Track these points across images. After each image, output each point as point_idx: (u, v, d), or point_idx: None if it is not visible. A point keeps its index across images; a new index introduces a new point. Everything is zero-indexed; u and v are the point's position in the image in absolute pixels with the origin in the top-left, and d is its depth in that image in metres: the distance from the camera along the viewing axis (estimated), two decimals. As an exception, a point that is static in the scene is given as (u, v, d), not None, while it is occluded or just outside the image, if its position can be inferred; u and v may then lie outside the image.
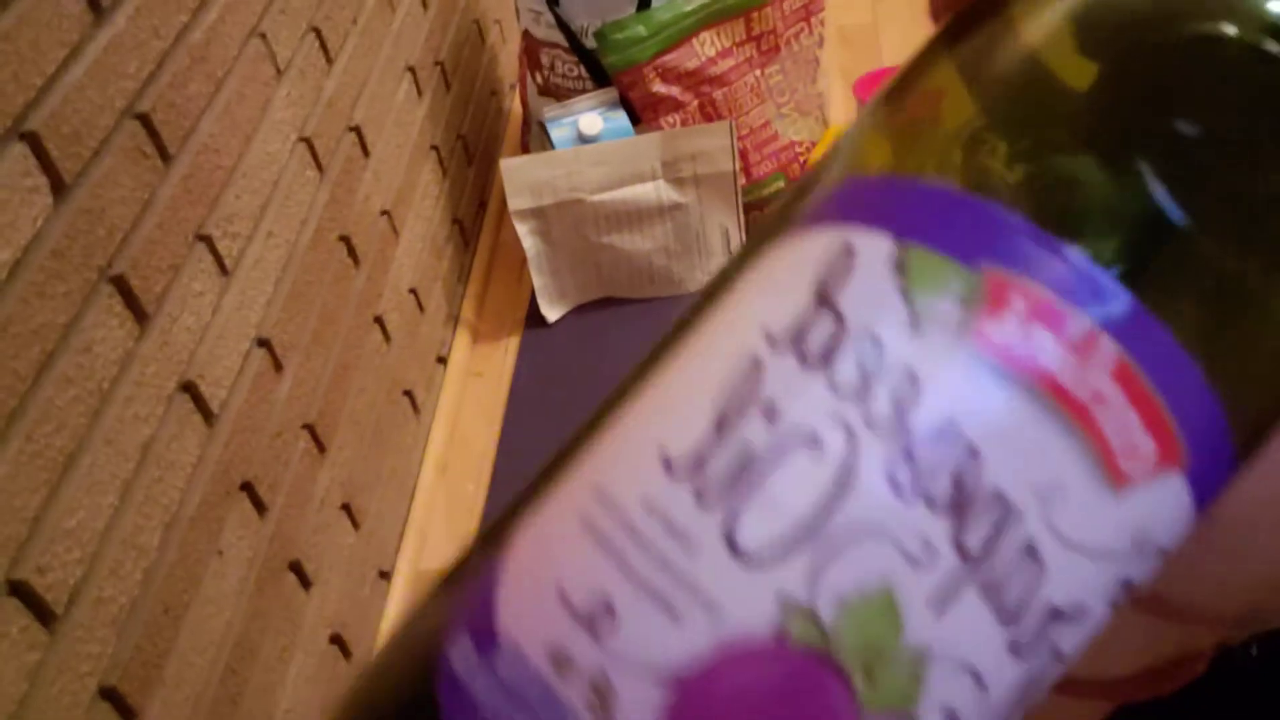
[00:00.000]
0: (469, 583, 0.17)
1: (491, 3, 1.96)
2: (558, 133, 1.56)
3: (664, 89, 1.53)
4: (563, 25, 1.59)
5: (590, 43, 1.57)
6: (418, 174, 1.51)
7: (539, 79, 1.68)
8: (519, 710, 0.15)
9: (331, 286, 1.19)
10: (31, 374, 0.73)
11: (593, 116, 1.55)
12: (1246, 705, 0.35)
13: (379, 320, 1.33)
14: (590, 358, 1.56)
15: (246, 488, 0.99)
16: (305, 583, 1.09)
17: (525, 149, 1.80)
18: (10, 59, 0.73)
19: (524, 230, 1.56)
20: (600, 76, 1.59)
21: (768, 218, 0.19)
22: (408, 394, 1.42)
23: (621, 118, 1.56)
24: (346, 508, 1.21)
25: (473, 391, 1.56)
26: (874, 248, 0.16)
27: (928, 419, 0.15)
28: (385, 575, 1.31)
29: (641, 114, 1.56)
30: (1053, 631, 0.16)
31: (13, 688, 0.68)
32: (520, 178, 1.52)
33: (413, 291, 1.46)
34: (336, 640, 1.15)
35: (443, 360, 1.57)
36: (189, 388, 0.91)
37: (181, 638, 0.87)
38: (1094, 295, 0.15)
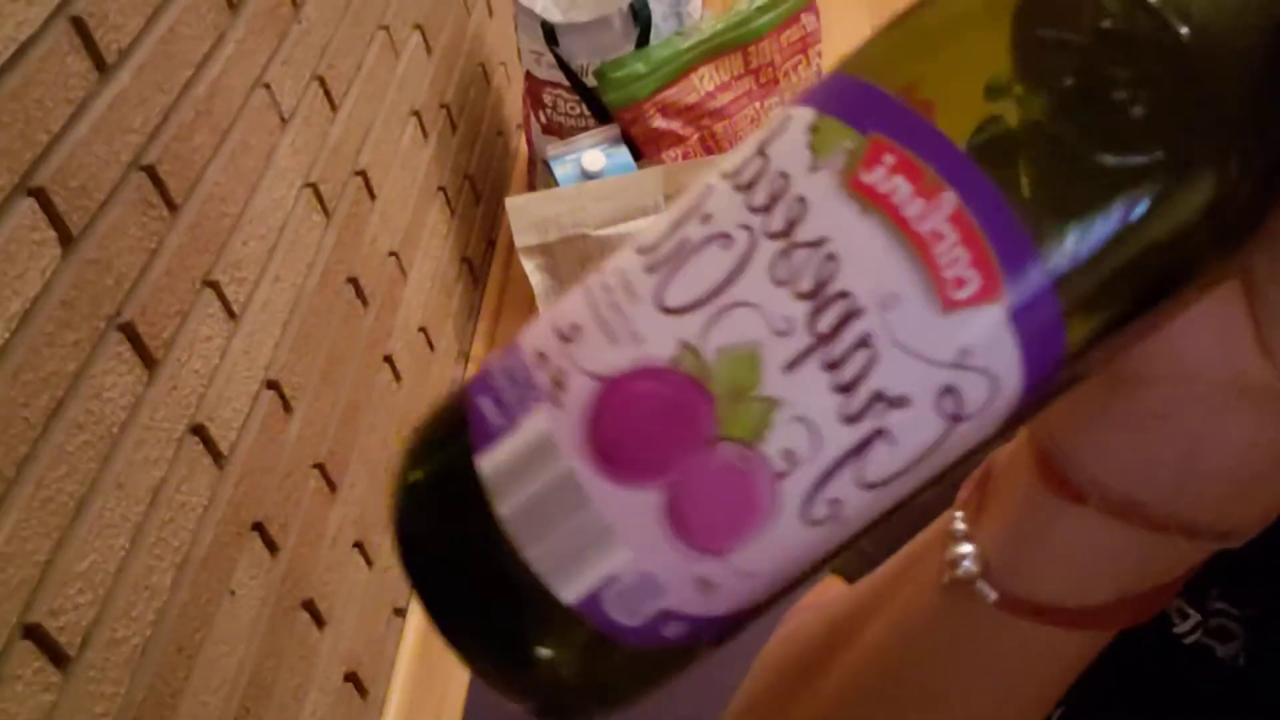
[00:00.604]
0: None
1: (496, 45, 1.99)
2: (561, 170, 1.59)
3: (664, 124, 1.55)
4: (563, 65, 1.62)
5: (591, 81, 1.60)
6: (425, 215, 1.53)
7: (542, 118, 1.71)
8: (511, 383, 0.22)
9: (340, 327, 1.22)
10: (42, 421, 0.75)
11: (595, 153, 1.58)
12: (1235, 712, 0.35)
13: (389, 359, 1.35)
14: (600, 391, 1.57)
15: (258, 528, 1.01)
16: (319, 621, 1.10)
17: (532, 187, 1.83)
18: (17, 117, 0.75)
19: (531, 267, 1.58)
20: (602, 114, 1.62)
21: None
22: (419, 432, 1.43)
23: (624, 154, 1.58)
24: (359, 545, 1.22)
25: (484, 427, 1.57)
26: (802, 115, 0.22)
27: (806, 232, 0.20)
28: (400, 612, 1.32)
29: (643, 149, 1.58)
30: (880, 413, 0.20)
31: (27, 729, 0.70)
32: (525, 215, 1.55)
33: (423, 330, 1.48)
34: (351, 678, 1.16)
35: (454, 397, 1.58)
36: (199, 430, 0.93)
37: (195, 677, 0.88)
38: (944, 158, 0.20)
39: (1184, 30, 0.20)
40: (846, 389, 0.20)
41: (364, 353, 1.28)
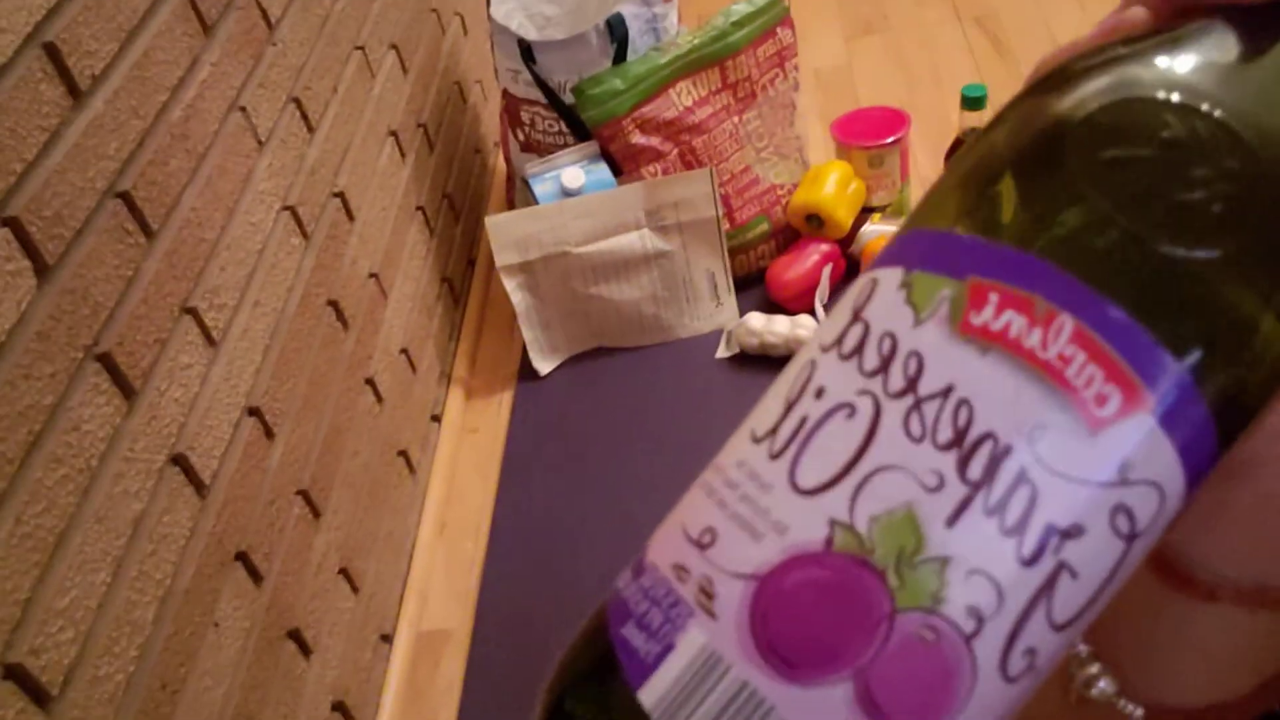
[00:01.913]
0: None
1: (472, 63, 1.99)
2: (541, 188, 1.58)
3: (643, 140, 1.55)
4: (541, 83, 1.62)
5: (569, 98, 1.60)
6: (404, 235, 1.52)
7: (520, 136, 1.70)
8: (653, 605, 0.21)
9: (321, 351, 1.20)
10: (20, 456, 0.73)
11: (575, 170, 1.57)
12: None
13: (370, 382, 1.33)
14: (584, 408, 1.57)
15: (241, 557, 0.99)
16: (305, 650, 1.09)
17: (511, 205, 1.82)
18: (-10, 147, 0.74)
19: (512, 285, 1.57)
20: (580, 131, 1.61)
21: None
22: (403, 454, 1.42)
23: (603, 170, 1.58)
24: (344, 572, 1.20)
25: (468, 448, 1.56)
26: (889, 275, 0.22)
27: (931, 384, 0.20)
28: (386, 638, 1.30)
29: (623, 165, 1.58)
30: (1057, 548, 0.19)
31: (8, 772, 0.68)
32: (505, 234, 1.54)
33: (404, 351, 1.46)
34: (339, 707, 1.14)
35: (437, 418, 1.57)
36: (179, 460, 0.91)
37: (179, 713, 0.86)
38: (1050, 284, 0.20)
39: (1238, 127, 0.21)
40: (1017, 530, 0.19)
41: (345, 376, 1.26)
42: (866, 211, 1.65)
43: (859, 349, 0.21)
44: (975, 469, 0.19)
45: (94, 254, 0.84)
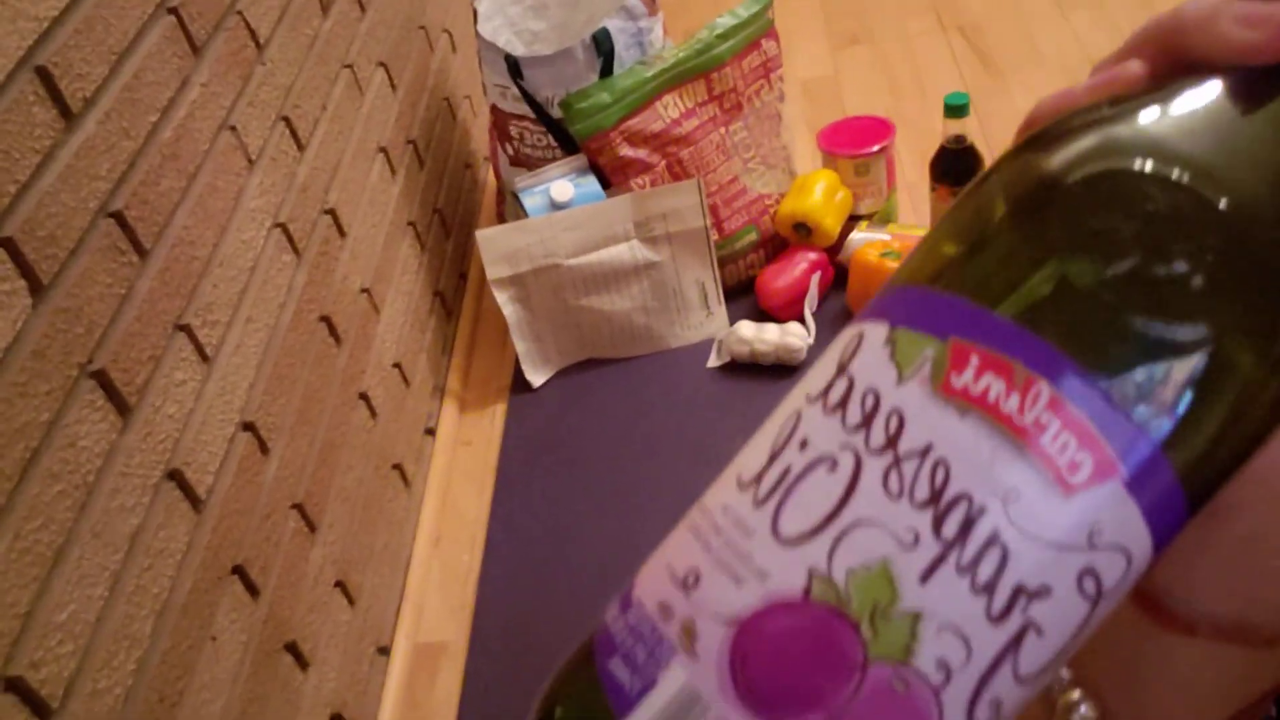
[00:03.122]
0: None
1: (461, 79, 2.01)
2: (530, 201, 1.59)
3: (631, 152, 1.57)
4: (528, 98, 1.63)
5: (556, 113, 1.61)
6: (396, 250, 1.54)
7: (509, 150, 1.72)
8: (638, 642, 0.22)
9: (314, 366, 1.21)
10: (17, 472, 0.74)
11: (563, 183, 1.58)
12: None
13: (364, 396, 1.35)
14: (577, 419, 1.58)
15: (238, 571, 1.00)
16: (302, 663, 1.09)
17: (502, 219, 1.84)
18: (-16, 169, 0.75)
19: (503, 298, 1.58)
20: (568, 144, 1.63)
21: None
22: (397, 468, 1.43)
23: (592, 183, 1.59)
24: (341, 585, 1.21)
25: (462, 461, 1.57)
26: (875, 330, 0.22)
27: (911, 442, 0.21)
28: (384, 650, 1.31)
29: (611, 177, 1.59)
30: (1025, 607, 0.20)
31: (9, 785, 0.69)
32: (496, 247, 1.55)
33: (397, 366, 1.48)
34: (337, 719, 1.15)
35: (431, 432, 1.58)
36: (175, 475, 0.92)
37: (178, 725, 0.87)
38: (1029, 352, 0.21)
39: (1223, 203, 0.21)
40: (987, 589, 0.20)
41: (339, 391, 1.27)
42: (854, 219, 1.66)
43: (843, 403, 0.22)
44: (949, 528, 0.20)
45: (88, 273, 0.85)
